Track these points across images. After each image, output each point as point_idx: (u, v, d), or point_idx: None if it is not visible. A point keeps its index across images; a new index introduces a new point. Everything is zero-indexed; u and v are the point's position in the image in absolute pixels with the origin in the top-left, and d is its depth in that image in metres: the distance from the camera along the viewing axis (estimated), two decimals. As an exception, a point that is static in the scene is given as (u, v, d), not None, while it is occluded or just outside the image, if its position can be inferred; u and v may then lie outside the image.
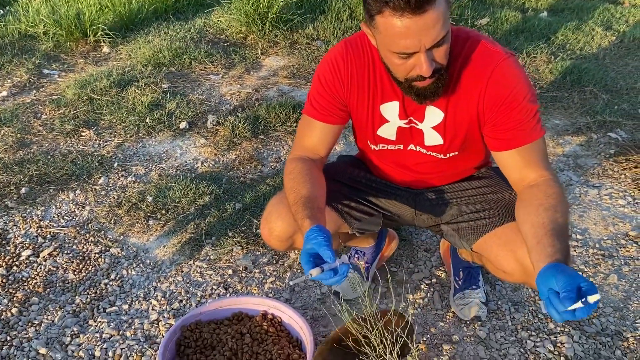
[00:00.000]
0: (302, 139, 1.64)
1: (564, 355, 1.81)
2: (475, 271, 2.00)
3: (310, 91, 1.60)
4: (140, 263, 2.22)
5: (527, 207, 1.39)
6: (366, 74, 1.51)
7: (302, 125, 1.64)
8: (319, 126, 1.60)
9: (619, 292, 2.07)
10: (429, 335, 1.89)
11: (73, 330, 1.91)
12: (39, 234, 2.36)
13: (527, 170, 1.45)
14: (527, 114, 1.42)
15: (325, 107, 1.57)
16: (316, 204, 1.47)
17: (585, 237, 2.33)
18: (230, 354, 1.69)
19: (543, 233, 1.28)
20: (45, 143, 3.03)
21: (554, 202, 1.35)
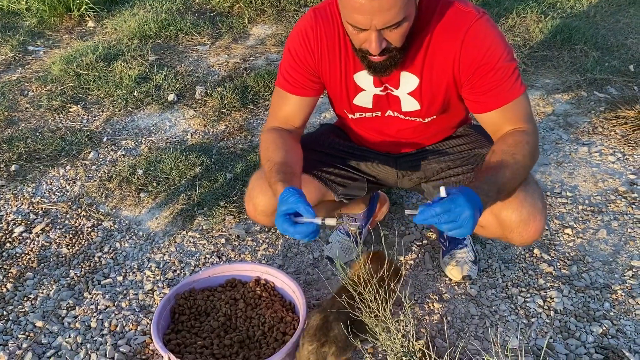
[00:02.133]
0: (276, 111, 1.63)
1: (553, 309, 1.84)
2: None
3: (282, 63, 1.57)
4: (133, 235, 2.23)
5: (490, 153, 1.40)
6: (337, 44, 1.48)
7: (276, 98, 1.62)
8: (293, 99, 1.58)
9: (608, 246, 2.09)
10: (421, 295, 1.91)
11: (68, 303, 1.93)
12: (30, 210, 2.36)
13: (506, 126, 1.45)
14: (504, 74, 1.40)
15: (298, 80, 1.55)
16: (289, 169, 1.46)
17: (575, 194, 2.34)
18: (224, 319, 1.72)
19: (492, 164, 1.34)
20: (33, 120, 3.01)
21: (512, 149, 1.37)
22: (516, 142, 1.40)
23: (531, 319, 1.82)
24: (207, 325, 1.70)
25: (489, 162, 1.37)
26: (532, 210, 1.48)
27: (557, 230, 2.16)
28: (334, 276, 1.99)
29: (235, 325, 1.71)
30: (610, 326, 1.78)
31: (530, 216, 1.48)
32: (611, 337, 1.75)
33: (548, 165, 2.52)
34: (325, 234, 2.18)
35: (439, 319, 1.82)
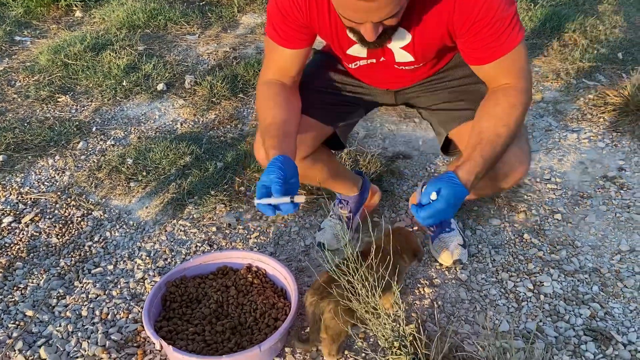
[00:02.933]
0: (270, 62, 1.59)
1: (543, 293, 1.86)
2: None
3: (271, 16, 1.51)
4: (124, 224, 2.22)
5: (480, 112, 1.44)
6: (326, 1, 1.45)
7: (269, 49, 1.58)
8: (287, 52, 1.55)
9: (596, 231, 2.11)
10: (412, 280, 1.92)
11: (59, 292, 1.92)
12: (19, 201, 2.34)
13: (501, 78, 1.44)
14: (500, 26, 1.35)
15: (290, 33, 1.52)
16: (283, 129, 1.46)
17: (564, 180, 2.36)
18: (216, 306, 1.72)
19: (487, 138, 1.36)
20: (21, 110, 2.98)
21: (504, 118, 1.38)
22: (509, 106, 1.39)
23: (521, 302, 1.83)
24: (199, 312, 1.70)
25: (482, 137, 1.37)
26: (520, 155, 1.53)
27: (547, 216, 2.18)
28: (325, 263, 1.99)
29: (227, 312, 1.71)
30: (599, 309, 1.80)
31: (517, 162, 1.52)
32: (600, 319, 1.76)
33: (538, 152, 2.53)
34: (317, 221, 2.18)
35: (430, 304, 1.83)
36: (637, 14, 3.80)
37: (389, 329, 1.53)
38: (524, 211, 2.20)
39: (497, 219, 2.17)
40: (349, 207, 2.08)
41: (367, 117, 2.81)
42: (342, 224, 2.05)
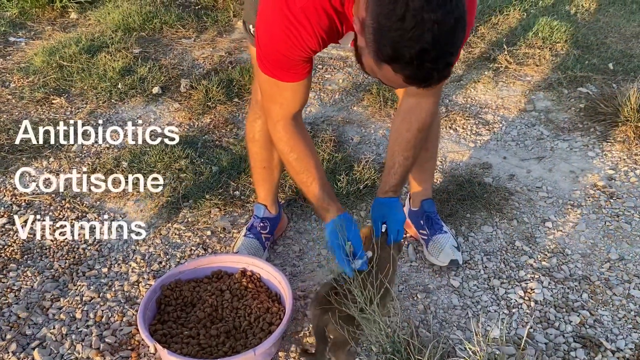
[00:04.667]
0: (276, 98, 1.57)
1: (534, 300, 1.88)
2: (436, 217, 2.07)
3: (273, 56, 1.45)
4: (118, 227, 2.22)
5: (394, 132, 1.69)
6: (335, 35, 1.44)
7: (273, 86, 1.54)
8: (295, 85, 1.53)
9: (586, 239, 2.14)
10: (405, 286, 1.94)
11: (53, 294, 1.92)
12: (13, 202, 2.34)
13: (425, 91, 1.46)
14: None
15: (298, 71, 1.50)
16: (327, 181, 1.64)
17: (555, 189, 2.39)
18: (210, 310, 1.73)
19: (399, 161, 1.66)
20: (15, 112, 2.98)
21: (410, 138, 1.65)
22: (419, 131, 1.66)
23: (512, 309, 1.86)
24: (194, 315, 1.72)
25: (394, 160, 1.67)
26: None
27: (538, 224, 2.21)
28: (319, 268, 2.01)
29: (221, 316, 1.72)
30: (589, 316, 1.83)
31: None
32: (589, 326, 1.79)
33: (529, 160, 2.57)
34: (311, 225, 2.20)
35: (423, 310, 1.85)
36: (627, 25, 3.86)
37: (383, 334, 1.55)
38: (515, 219, 2.23)
39: (489, 226, 2.19)
40: (267, 226, 2.08)
41: (361, 123, 2.85)
42: (259, 243, 2.04)
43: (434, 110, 1.71)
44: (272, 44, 1.42)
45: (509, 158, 2.59)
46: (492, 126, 2.82)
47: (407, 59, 1.15)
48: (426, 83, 1.22)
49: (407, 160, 1.69)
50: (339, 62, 3.43)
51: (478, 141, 2.71)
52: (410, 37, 1.11)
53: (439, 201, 2.29)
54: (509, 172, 2.50)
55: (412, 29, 1.10)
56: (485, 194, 2.33)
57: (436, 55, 1.14)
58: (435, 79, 1.21)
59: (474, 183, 2.38)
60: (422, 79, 1.20)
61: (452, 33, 1.15)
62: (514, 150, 2.64)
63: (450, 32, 1.14)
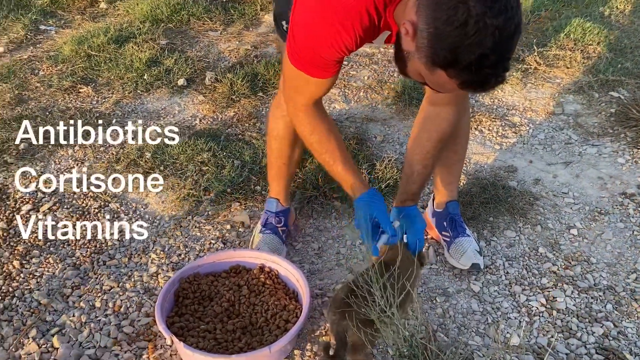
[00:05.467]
0: (303, 90, 1.56)
1: (555, 309, 1.84)
2: (459, 220, 2.04)
3: (308, 53, 1.44)
4: (140, 218, 2.24)
5: (413, 141, 1.69)
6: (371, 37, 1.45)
7: (300, 79, 1.53)
8: (324, 80, 1.52)
9: (613, 248, 2.09)
10: (424, 289, 1.92)
11: (74, 282, 1.94)
12: (38, 189, 2.37)
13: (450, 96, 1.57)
14: None
15: (329, 69, 1.48)
16: (351, 160, 1.64)
17: (582, 195, 2.34)
18: (227, 305, 1.73)
19: (417, 170, 1.65)
20: (43, 99, 3.02)
21: (430, 147, 1.65)
22: (438, 140, 1.65)
23: (533, 317, 1.82)
24: (211, 310, 1.72)
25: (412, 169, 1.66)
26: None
27: (563, 231, 2.16)
28: (338, 266, 2.00)
29: (238, 312, 1.72)
30: (612, 328, 1.78)
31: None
32: (612, 338, 1.75)
33: (556, 165, 2.52)
34: (331, 224, 2.19)
35: (441, 314, 1.83)
36: (663, 29, 3.76)
37: (401, 337, 1.53)
38: (539, 224, 2.18)
39: (512, 231, 2.15)
40: (282, 220, 2.07)
41: (385, 121, 2.82)
42: (277, 238, 2.03)
43: (455, 120, 1.68)
44: (309, 41, 1.42)
45: (535, 162, 2.54)
46: (518, 129, 2.77)
47: (465, 64, 1.15)
48: (482, 88, 1.22)
49: (426, 169, 1.68)
50: (364, 59, 3.40)
51: (504, 144, 2.66)
52: (470, 42, 1.12)
53: (462, 204, 2.25)
54: (535, 176, 2.45)
55: (473, 35, 1.11)
56: (509, 197, 2.29)
57: (495, 60, 1.15)
58: (492, 84, 1.21)
59: (498, 186, 2.34)
60: (479, 84, 1.21)
61: (511, 39, 1.16)
62: (541, 154, 2.59)
63: (509, 37, 1.14)
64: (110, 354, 1.69)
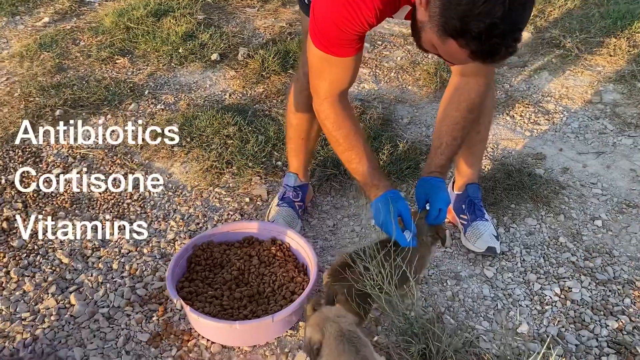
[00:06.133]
0: (326, 75, 1.57)
1: (570, 300, 1.80)
2: (478, 202, 2.00)
3: (329, 30, 1.45)
4: (163, 186, 2.29)
5: (442, 111, 1.67)
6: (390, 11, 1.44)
7: (324, 62, 1.53)
8: (346, 60, 1.52)
9: (638, 242, 2.01)
10: (436, 271, 1.90)
11: (94, 244, 2.01)
12: (69, 154, 2.46)
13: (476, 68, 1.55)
14: None
15: (352, 45, 1.49)
16: (375, 159, 1.66)
17: (611, 186, 2.26)
18: (237, 273, 1.76)
19: (446, 141, 1.63)
20: (82, 69, 3.11)
21: (459, 118, 1.63)
22: (468, 111, 1.63)
23: (545, 306, 1.78)
24: (220, 277, 1.75)
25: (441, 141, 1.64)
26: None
27: (586, 221, 2.10)
28: (351, 244, 2.00)
29: (247, 280, 1.75)
30: (628, 322, 1.73)
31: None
32: (627, 333, 1.70)
33: (587, 155, 2.43)
34: (348, 202, 2.19)
35: (451, 297, 1.81)
36: None
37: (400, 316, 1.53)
38: (562, 214, 2.12)
39: (534, 219, 2.10)
40: (299, 195, 2.08)
41: (414, 102, 2.78)
42: (293, 212, 2.04)
43: (483, 91, 1.66)
44: (330, 17, 1.41)
45: (566, 150, 2.47)
46: (552, 116, 2.69)
47: (475, 33, 1.15)
48: (492, 58, 1.21)
49: (455, 140, 1.65)
50: (399, 39, 3.35)
51: (535, 130, 2.59)
52: (480, 11, 1.11)
53: (484, 189, 2.21)
54: (564, 165, 2.38)
55: (483, 4, 1.11)
56: (534, 185, 2.23)
57: (505, 30, 1.13)
58: (501, 55, 1.20)
59: (524, 173, 2.28)
60: (488, 54, 1.19)
61: (523, 9, 1.15)
62: (572, 143, 2.51)
63: (521, 7, 1.14)
64: (122, 314, 1.75)
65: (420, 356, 1.53)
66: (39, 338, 1.67)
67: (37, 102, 2.78)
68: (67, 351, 1.64)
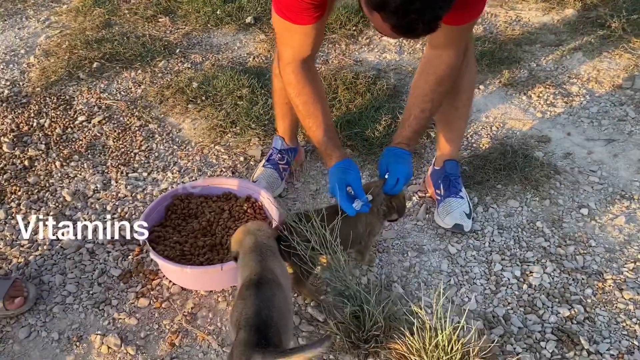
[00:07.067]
0: (289, 40, 1.62)
1: (527, 283, 1.79)
2: (455, 180, 2.00)
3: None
4: (170, 140, 2.45)
5: (413, 83, 1.69)
6: None
7: (284, 29, 1.61)
8: (307, 30, 1.58)
9: (621, 234, 1.94)
10: (400, 242, 1.94)
11: (97, 186, 2.21)
12: (96, 104, 2.68)
13: (448, 42, 1.58)
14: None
15: (309, 13, 1.53)
16: (332, 127, 1.69)
17: (611, 175, 2.17)
18: (206, 224, 1.89)
19: (414, 113, 1.65)
20: (126, 25, 3.32)
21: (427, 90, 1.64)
22: (436, 84, 1.63)
23: (500, 287, 1.78)
24: (190, 226, 1.89)
25: (410, 112, 1.66)
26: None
27: (572, 209, 2.04)
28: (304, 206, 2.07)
29: (213, 231, 1.88)
30: (581, 312, 1.70)
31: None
32: (576, 322, 1.67)
33: (596, 141, 2.33)
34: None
35: (407, 268, 1.85)
36: None
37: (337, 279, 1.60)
38: (549, 199, 2.08)
39: (517, 201, 2.07)
40: (285, 158, 2.15)
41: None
42: (277, 174, 2.12)
43: (454, 63, 1.65)
44: None
45: (574, 135, 2.37)
46: (571, 99, 2.57)
47: (392, 8, 1.18)
48: (411, 34, 1.24)
49: (423, 113, 1.66)
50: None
51: (548, 112, 2.50)
52: None
53: (474, 166, 2.20)
54: (567, 150, 2.30)
55: None
56: (527, 167, 2.18)
57: (422, 6, 1.16)
58: (419, 31, 1.23)
59: (519, 154, 2.24)
60: (406, 29, 1.22)
61: None
62: (584, 128, 2.41)
63: None
64: (103, 250, 1.94)
65: (354, 317, 1.60)
66: (30, 263, 1.90)
67: (80, 54, 3.02)
68: (50, 277, 1.85)
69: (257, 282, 1.36)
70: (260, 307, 1.31)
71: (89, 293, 1.80)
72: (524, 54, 2.89)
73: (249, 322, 1.27)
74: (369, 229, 1.69)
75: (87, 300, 1.78)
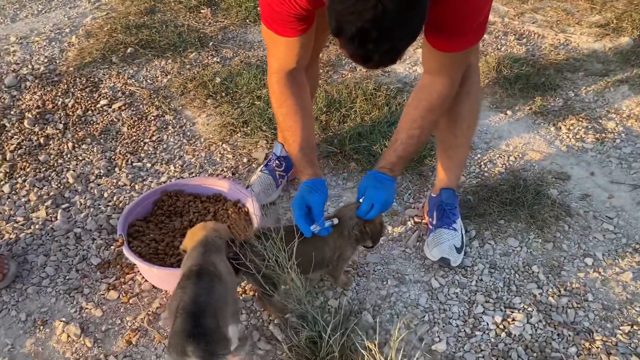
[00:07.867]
0: (275, 51, 1.60)
1: (507, 332, 1.67)
2: (450, 211, 1.89)
3: (267, 9, 1.49)
4: (182, 133, 2.47)
5: (405, 109, 1.62)
6: None
7: (270, 39, 1.58)
8: (292, 42, 1.55)
9: (624, 292, 1.78)
10: (383, 268, 1.86)
11: (100, 172, 2.25)
12: (120, 89, 2.73)
13: (442, 69, 1.52)
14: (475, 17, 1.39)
15: (292, 26, 1.50)
16: (311, 146, 1.62)
17: (628, 225, 1.99)
18: (187, 224, 1.88)
19: (401, 138, 1.59)
20: (168, 14, 3.37)
21: (416, 116, 1.57)
22: (427, 111, 1.56)
23: (476, 331, 1.68)
24: (172, 224, 1.89)
25: (398, 136, 1.60)
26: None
27: (576, 256, 1.89)
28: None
29: (193, 233, 1.86)
30: (559, 372, 1.57)
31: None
32: (550, 383, 1.55)
33: (621, 185, 2.16)
34: (340, 181, 2.19)
35: (383, 297, 1.77)
36: None
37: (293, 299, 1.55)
38: (552, 242, 1.93)
39: (517, 240, 1.94)
40: (283, 165, 2.10)
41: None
42: (272, 180, 2.07)
43: (447, 92, 1.58)
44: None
45: (598, 176, 2.20)
46: (604, 135, 2.39)
47: (349, 35, 1.14)
48: (369, 64, 1.20)
49: (411, 139, 1.60)
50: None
51: (574, 148, 2.34)
52: (352, 12, 1.09)
53: (479, 197, 2.08)
54: (587, 191, 2.14)
55: (354, 5, 1.08)
56: (537, 205, 2.04)
57: (378, 36, 1.11)
58: (375, 61, 1.19)
59: (531, 190, 2.09)
60: (362, 59, 1.19)
61: (399, 15, 1.10)
62: (611, 169, 2.23)
63: (398, 16, 1.09)
64: (89, 237, 1.97)
65: (312, 342, 1.55)
66: (19, 240, 1.95)
67: (118, 38, 3.09)
68: (34, 257, 1.90)
69: (198, 272, 1.37)
70: (198, 294, 1.32)
71: (65, 278, 1.83)
72: (563, 81, 2.71)
73: (186, 309, 1.28)
74: (337, 252, 1.62)
75: (62, 285, 1.81)
